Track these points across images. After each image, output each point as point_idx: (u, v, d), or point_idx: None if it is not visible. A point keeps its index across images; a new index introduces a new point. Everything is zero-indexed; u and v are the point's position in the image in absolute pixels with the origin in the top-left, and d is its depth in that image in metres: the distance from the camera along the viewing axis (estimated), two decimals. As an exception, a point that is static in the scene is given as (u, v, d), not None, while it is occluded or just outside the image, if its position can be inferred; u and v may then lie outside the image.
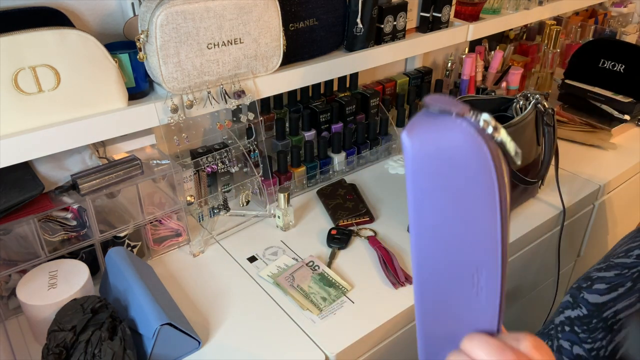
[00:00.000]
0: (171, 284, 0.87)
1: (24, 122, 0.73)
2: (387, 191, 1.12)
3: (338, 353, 0.75)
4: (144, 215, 0.87)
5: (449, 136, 0.32)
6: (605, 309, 0.59)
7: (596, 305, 0.60)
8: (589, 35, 1.73)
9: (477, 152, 0.32)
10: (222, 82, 0.88)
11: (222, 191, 1.05)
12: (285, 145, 1.10)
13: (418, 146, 0.33)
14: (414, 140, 0.33)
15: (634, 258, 0.62)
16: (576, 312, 0.62)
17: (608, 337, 0.55)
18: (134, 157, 0.87)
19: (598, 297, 0.60)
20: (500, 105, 1.01)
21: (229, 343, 0.76)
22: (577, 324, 0.61)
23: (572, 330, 0.61)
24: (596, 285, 0.62)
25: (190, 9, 0.78)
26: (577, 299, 0.63)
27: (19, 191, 0.76)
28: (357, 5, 1.01)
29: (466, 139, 0.32)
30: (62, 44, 0.72)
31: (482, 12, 1.29)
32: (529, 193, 1.06)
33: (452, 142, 0.32)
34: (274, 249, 0.95)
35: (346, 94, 1.20)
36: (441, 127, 0.33)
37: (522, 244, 1.02)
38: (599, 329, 0.58)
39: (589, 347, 0.57)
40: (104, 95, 0.79)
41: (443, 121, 0.33)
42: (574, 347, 0.60)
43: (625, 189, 1.26)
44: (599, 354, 0.55)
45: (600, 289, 0.61)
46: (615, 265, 0.63)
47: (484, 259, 0.36)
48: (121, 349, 0.65)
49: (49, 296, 0.72)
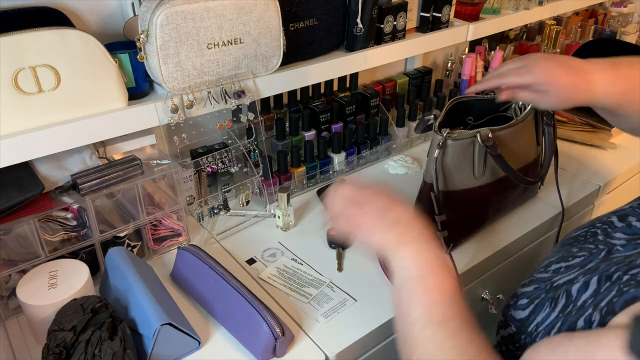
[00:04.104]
0: (171, 284, 0.87)
1: (24, 122, 0.73)
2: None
3: (338, 353, 0.75)
4: (144, 215, 0.87)
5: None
6: (528, 322, 0.59)
7: (521, 321, 0.61)
8: (589, 35, 1.73)
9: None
10: (222, 82, 0.88)
11: (222, 191, 1.05)
12: (285, 145, 1.10)
13: None
14: None
15: (551, 272, 0.63)
16: (507, 331, 0.63)
17: None
18: (134, 157, 0.87)
19: (521, 312, 0.61)
20: (500, 105, 1.01)
21: (229, 343, 0.76)
22: (510, 342, 0.62)
23: (508, 349, 0.63)
24: (520, 302, 0.63)
25: (190, 9, 0.78)
26: (507, 318, 0.64)
27: (19, 191, 0.76)
28: (357, 5, 1.01)
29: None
30: (62, 44, 0.72)
31: (482, 12, 1.29)
32: (528, 193, 1.06)
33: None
34: (272, 250, 0.95)
35: (346, 94, 1.20)
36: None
37: (522, 244, 1.02)
38: (527, 344, 0.58)
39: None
40: (104, 95, 0.79)
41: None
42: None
43: (625, 189, 1.26)
44: None
45: (522, 304, 0.62)
46: (536, 280, 0.64)
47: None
48: (121, 349, 0.65)
49: (49, 296, 0.72)
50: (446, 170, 0.88)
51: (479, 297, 1.00)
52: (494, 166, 0.90)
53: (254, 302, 0.74)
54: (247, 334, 0.74)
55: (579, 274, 0.58)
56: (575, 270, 0.59)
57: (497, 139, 0.88)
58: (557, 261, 0.64)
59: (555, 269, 0.63)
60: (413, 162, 1.20)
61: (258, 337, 0.72)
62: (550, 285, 0.60)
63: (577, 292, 0.55)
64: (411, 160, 1.21)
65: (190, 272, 0.83)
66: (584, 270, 0.58)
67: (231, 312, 0.76)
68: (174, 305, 0.79)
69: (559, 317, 0.55)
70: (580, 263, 0.60)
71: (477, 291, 0.99)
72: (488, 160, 0.90)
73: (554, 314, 0.56)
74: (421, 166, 1.21)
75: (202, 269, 0.81)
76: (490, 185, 0.93)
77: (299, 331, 0.78)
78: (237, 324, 0.76)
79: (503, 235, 0.99)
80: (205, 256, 0.84)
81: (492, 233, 0.99)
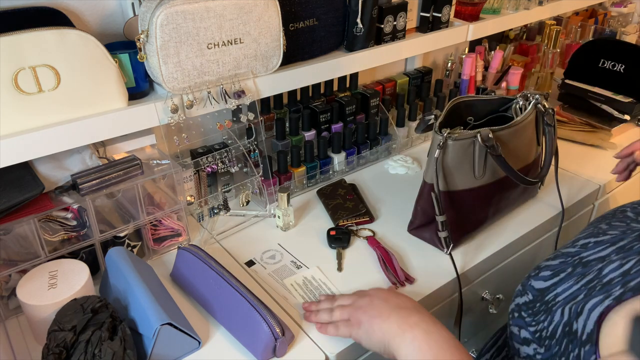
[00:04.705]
0: (171, 284, 0.87)
1: (24, 122, 0.73)
2: (387, 191, 1.12)
3: (338, 353, 0.75)
4: (144, 215, 0.87)
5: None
6: (548, 292, 0.60)
7: (540, 290, 0.62)
8: (589, 35, 1.73)
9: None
10: (222, 82, 0.88)
11: (222, 191, 1.05)
12: (285, 145, 1.10)
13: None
14: None
15: (578, 247, 0.64)
16: (524, 298, 0.64)
17: (548, 318, 0.57)
18: (134, 157, 0.87)
19: (542, 282, 0.62)
20: (500, 106, 1.01)
21: (229, 343, 0.76)
22: (524, 308, 0.63)
23: (520, 315, 0.63)
24: (542, 273, 0.64)
25: (190, 9, 0.78)
26: (525, 287, 0.65)
27: (19, 191, 0.76)
28: (357, 5, 1.01)
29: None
30: (62, 44, 0.72)
31: (482, 12, 1.29)
32: (529, 193, 1.06)
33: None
34: (271, 252, 0.95)
35: (346, 94, 1.20)
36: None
37: (522, 244, 1.02)
38: (541, 311, 0.59)
39: (533, 330, 0.59)
40: (104, 95, 0.79)
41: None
42: (521, 331, 0.61)
43: (625, 189, 1.26)
44: (542, 334, 0.57)
45: (545, 275, 0.63)
46: (562, 254, 0.65)
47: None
48: (121, 349, 0.65)
49: (49, 296, 0.72)
50: (446, 170, 0.88)
51: (479, 297, 1.00)
52: (494, 166, 0.90)
53: (254, 302, 0.74)
54: (247, 334, 0.74)
55: (611, 252, 0.58)
56: (605, 246, 0.60)
57: (497, 139, 0.88)
58: (586, 237, 0.64)
59: (583, 244, 0.63)
60: (413, 162, 1.20)
61: (258, 337, 0.72)
62: (579, 260, 0.61)
63: (609, 270, 0.55)
64: (411, 160, 1.21)
65: (190, 272, 0.83)
66: (616, 248, 0.58)
67: (231, 312, 0.76)
68: (174, 305, 0.79)
69: (582, 290, 0.56)
70: (611, 240, 0.60)
71: (477, 291, 0.99)
72: (488, 161, 0.90)
73: (576, 286, 0.57)
74: (421, 166, 1.21)
75: (202, 269, 0.81)
76: (491, 185, 0.93)
77: (299, 331, 0.78)
78: (237, 324, 0.76)
79: (503, 235, 0.99)
80: (205, 256, 0.84)
81: (492, 233, 0.99)
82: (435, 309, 0.89)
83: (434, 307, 0.89)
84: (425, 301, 0.85)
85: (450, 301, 0.92)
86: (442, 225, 0.90)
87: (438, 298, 0.88)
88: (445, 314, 0.93)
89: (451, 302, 0.92)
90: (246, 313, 0.73)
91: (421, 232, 0.96)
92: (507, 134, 0.91)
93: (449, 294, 0.91)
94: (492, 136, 0.87)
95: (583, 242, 0.64)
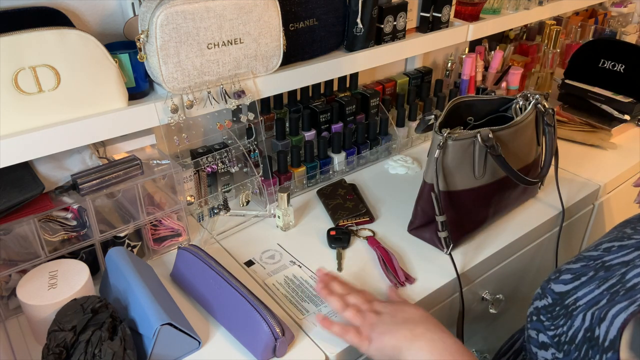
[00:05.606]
0: (171, 284, 0.87)
1: (24, 122, 0.73)
2: (387, 191, 1.12)
3: (338, 353, 0.75)
4: (144, 215, 0.87)
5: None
6: (568, 296, 0.60)
7: (560, 294, 0.61)
8: (589, 35, 1.73)
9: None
10: (222, 82, 0.88)
11: (222, 191, 1.05)
12: (285, 145, 1.10)
13: None
14: None
15: (601, 251, 0.63)
16: (543, 302, 0.64)
17: (568, 322, 0.57)
18: (134, 157, 0.87)
19: (563, 286, 0.62)
20: (500, 106, 1.01)
21: (229, 343, 0.76)
22: (543, 312, 0.63)
23: (539, 319, 0.63)
24: (563, 276, 0.63)
25: (190, 9, 0.78)
26: (545, 290, 0.65)
27: (19, 191, 0.76)
28: (357, 5, 1.01)
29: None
30: (62, 44, 0.72)
31: (482, 12, 1.29)
32: (528, 193, 1.06)
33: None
34: (271, 252, 0.95)
35: (346, 94, 1.20)
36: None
37: (522, 244, 1.02)
38: (560, 315, 0.59)
39: (552, 334, 0.59)
40: (104, 95, 0.79)
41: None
42: (539, 335, 0.61)
43: (625, 189, 1.26)
44: (560, 339, 0.57)
45: (565, 279, 0.63)
46: (583, 257, 0.65)
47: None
48: (121, 349, 0.65)
49: (49, 296, 0.72)
50: (446, 170, 0.88)
51: (479, 297, 1.00)
52: (494, 166, 0.90)
53: (254, 302, 0.74)
54: (247, 334, 0.74)
55: (636, 256, 0.57)
56: (630, 251, 0.59)
57: (497, 139, 0.88)
58: (610, 240, 0.64)
59: (606, 247, 0.63)
60: (413, 162, 1.20)
61: (258, 337, 0.72)
62: (602, 264, 0.60)
63: (633, 275, 0.55)
64: (411, 160, 1.21)
65: (190, 272, 0.83)
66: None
67: (231, 312, 0.76)
68: (174, 305, 0.79)
69: (604, 294, 0.55)
70: (636, 244, 0.60)
71: (477, 291, 0.99)
72: (488, 161, 0.90)
73: (597, 291, 0.56)
74: (421, 166, 1.21)
75: (202, 269, 0.81)
76: (491, 185, 0.93)
77: (299, 331, 0.78)
78: (237, 324, 0.76)
79: (503, 235, 0.99)
80: (205, 256, 0.84)
81: (492, 233, 0.99)
82: (435, 309, 0.89)
83: (433, 308, 0.89)
84: (425, 301, 0.85)
85: (450, 301, 0.92)
86: (442, 225, 0.90)
87: (438, 298, 0.88)
88: (445, 314, 0.93)
89: (451, 302, 0.92)
90: (246, 313, 0.73)
91: (421, 232, 0.96)
92: (507, 134, 0.91)
93: (449, 294, 0.91)
94: (492, 136, 0.87)
95: (606, 246, 0.63)
